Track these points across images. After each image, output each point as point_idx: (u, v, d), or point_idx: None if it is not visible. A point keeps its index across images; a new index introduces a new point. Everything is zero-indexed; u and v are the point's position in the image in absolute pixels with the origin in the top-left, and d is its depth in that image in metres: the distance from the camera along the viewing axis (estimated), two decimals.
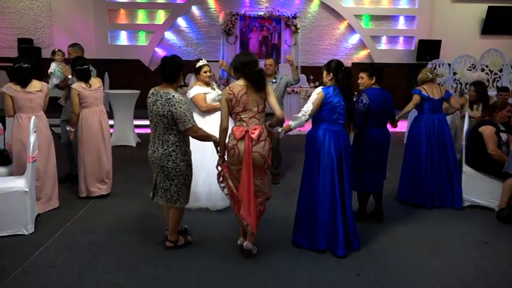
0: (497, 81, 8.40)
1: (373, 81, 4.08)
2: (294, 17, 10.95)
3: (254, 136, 3.28)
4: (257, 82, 3.30)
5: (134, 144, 7.64)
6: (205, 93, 4.47)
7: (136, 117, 8.08)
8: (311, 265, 3.39)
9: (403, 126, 6.96)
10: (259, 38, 11.13)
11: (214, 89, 4.61)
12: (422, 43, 10.93)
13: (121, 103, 7.59)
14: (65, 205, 4.56)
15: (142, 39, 11.25)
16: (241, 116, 3.32)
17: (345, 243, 3.53)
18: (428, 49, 10.75)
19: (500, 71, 8.20)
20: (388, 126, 4.31)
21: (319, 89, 3.53)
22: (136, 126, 8.28)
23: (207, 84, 4.55)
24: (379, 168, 4.19)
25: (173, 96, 3.28)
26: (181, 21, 11.14)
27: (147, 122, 9.98)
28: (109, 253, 3.55)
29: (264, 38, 11.15)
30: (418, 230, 4.14)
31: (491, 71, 8.30)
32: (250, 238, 3.47)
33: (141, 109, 8.24)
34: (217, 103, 4.37)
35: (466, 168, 4.72)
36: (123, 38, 11.25)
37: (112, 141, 7.21)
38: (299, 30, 11.04)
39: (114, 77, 10.51)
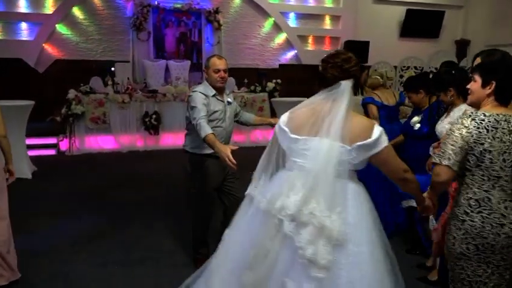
0: None
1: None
2: (216, 12, 9.55)
3: None
4: None
5: (29, 176, 5.49)
6: None
7: (28, 135, 5.94)
8: None
9: None
10: (177, 35, 9.48)
11: None
12: (349, 44, 10.37)
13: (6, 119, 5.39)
14: None
15: (24, 33, 8.81)
16: None
17: None
18: (356, 51, 10.22)
19: None
20: None
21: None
22: (30, 147, 6.13)
23: None
24: None
25: None
26: (77, 12, 8.98)
27: (43, 141, 7.57)
28: None
29: (182, 35, 9.53)
30: None
31: None
32: None
33: (32, 122, 6.08)
34: None
35: None
36: None
37: None
38: (222, 27, 9.71)
39: None
